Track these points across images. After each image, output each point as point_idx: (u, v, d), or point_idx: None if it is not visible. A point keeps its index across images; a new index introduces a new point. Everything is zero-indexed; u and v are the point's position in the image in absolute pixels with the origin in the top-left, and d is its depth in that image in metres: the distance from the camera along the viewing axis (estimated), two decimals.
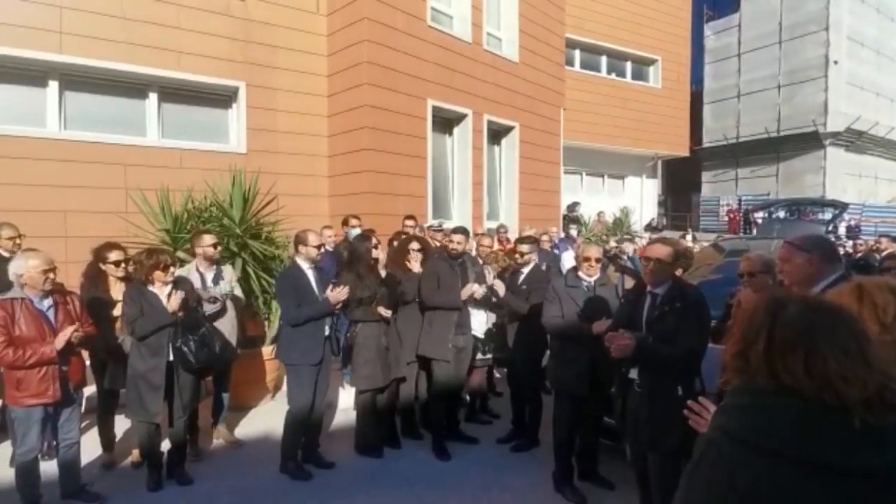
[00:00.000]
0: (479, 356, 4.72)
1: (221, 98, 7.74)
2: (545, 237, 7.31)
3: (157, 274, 3.56)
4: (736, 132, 22.34)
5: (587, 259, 3.74)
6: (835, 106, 19.62)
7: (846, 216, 15.74)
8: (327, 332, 3.99)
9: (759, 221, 15.82)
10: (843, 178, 20.25)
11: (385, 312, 4.14)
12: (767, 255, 3.35)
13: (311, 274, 4.02)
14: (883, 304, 1.48)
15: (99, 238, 4.30)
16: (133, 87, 7.09)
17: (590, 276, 3.76)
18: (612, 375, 3.27)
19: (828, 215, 14.91)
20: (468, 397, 5.08)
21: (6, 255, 4.28)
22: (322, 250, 4.15)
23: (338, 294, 3.88)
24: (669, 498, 2.69)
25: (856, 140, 20.37)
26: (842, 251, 8.61)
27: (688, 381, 2.66)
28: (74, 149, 6.46)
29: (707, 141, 23.15)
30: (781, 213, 15.45)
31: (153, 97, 7.23)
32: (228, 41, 7.42)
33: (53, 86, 6.54)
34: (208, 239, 4.32)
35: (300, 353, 3.89)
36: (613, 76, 16.67)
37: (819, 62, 19.98)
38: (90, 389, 4.05)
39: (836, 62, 19.70)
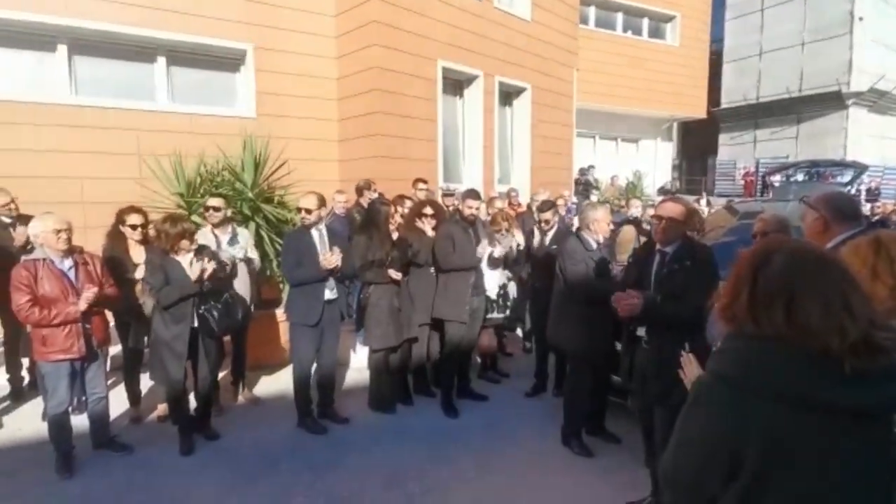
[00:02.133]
0: (490, 316, 4.80)
1: (230, 61, 7.67)
2: (560, 201, 7.32)
3: (183, 243, 3.61)
4: (756, 92, 21.63)
5: (600, 220, 3.74)
6: (859, 64, 18.85)
7: (866, 178, 15.35)
8: (329, 296, 4.05)
9: (776, 184, 15.52)
10: (865, 139, 19.65)
11: (395, 275, 4.20)
12: (783, 215, 3.32)
13: (316, 236, 4.09)
14: None
15: (115, 204, 4.38)
16: (141, 51, 7.05)
17: (595, 236, 3.76)
18: (617, 330, 3.33)
19: (847, 177, 14.56)
20: (478, 358, 5.20)
21: (6, 220, 4.37)
22: (314, 216, 4.06)
23: (327, 260, 3.92)
24: None
25: (879, 100, 19.65)
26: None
27: (696, 337, 2.69)
28: (87, 115, 6.50)
29: (726, 101, 22.47)
30: (800, 176, 15.13)
31: (161, 61, 7.19)
32: (235, 2, 7.30)
33: (62, 50, 6.53)
34: (212, 201, 4.37)
35: (298, 314, 4.03)
36: (629, 34, 16.15)
37: (844, 18, 19.10)
38: (115, 349, 4.21)
39: (861, 18, 18.83)
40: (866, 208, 10.27)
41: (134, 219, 4.01)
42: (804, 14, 20.34)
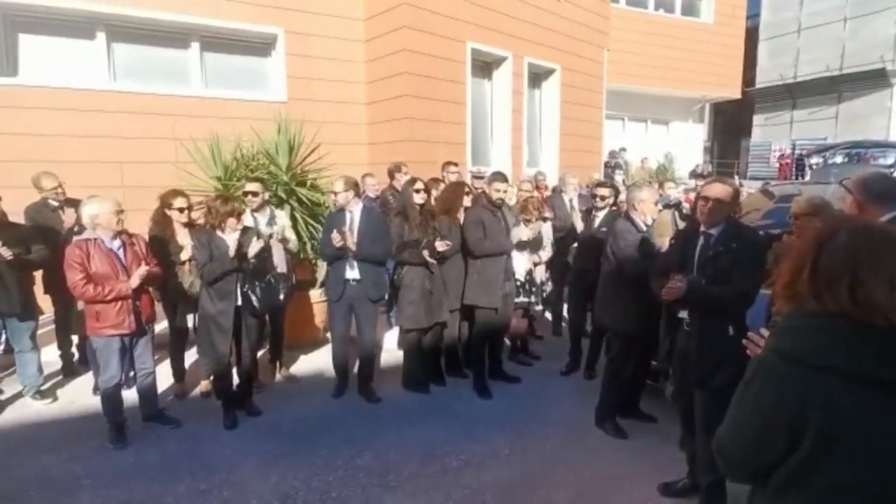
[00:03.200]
0: (519, 300, 4.82)
1: (261, 46, 7.74)
2: (572, 181, 7.22)
3: (231, 221, 3.74)
4: (794, 71, 20.81)
5: (646, 201, 3.75)
6: None
7: None
8: (351, 275, 4.20)
9: (814, 166, 15.00)
10: None
11: (429, 258, 4.23)
12: (819, 199, 3.23)
13: (347, 217, 4.21)
14: None
15: (154, 188, 4.52)
16: (176, 37, 7.16)
17: (642, 219, 3.74)
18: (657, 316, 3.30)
19: (890, 159, 13.97)
20: (508, 341, 5.23)
21: (55, 203, 4.53)
22: (341, 198, 4.23)
23: (337, 238, 4.04)
24: (712, 433, 2.78)
25: None
26: None
27: (739, 321, 2.67)
28: (125, 100, 6.65)
29: (761, 81, 21.68)
30: (839, 158, 14.57)
31: (195, 46, 7.30)
32: None
33: (101, 37, 6.69)
34: (250, 186, 4.47)
35: (328, 290, 4.39)
36: (661, 12, 15.66)
37: None
38: (160, 326, 4.38)
39: None
40: None
41: (180, 202, 4.15)
42: None
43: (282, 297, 4.10)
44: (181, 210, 4.14)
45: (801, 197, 3.41)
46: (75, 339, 4.79)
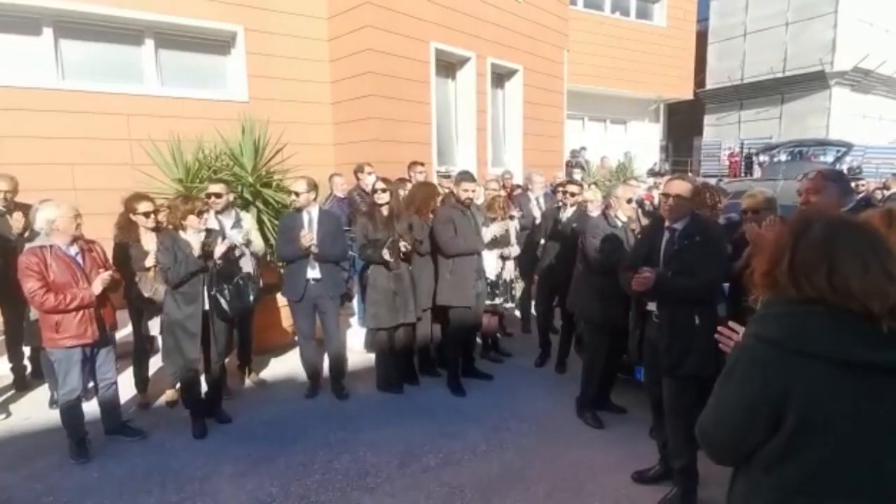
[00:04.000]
0: (490, 301, 4.88)
1: (219, 44, 7.52)
2: (538, 179, 7.37)
3: (191, 219, 3.60)
4: (741, 73, 21.79)
5: (629, 200, 3.88)
6: (843, 43, 19.07)
7: (848, 157, 15.65)
8: (312, 275, 4.23)
9: (762, 164, 15.74)
10: (848, 119, 19.98)
11: (387, 256, 4.20)
12: (770, 193, 3.45)
13: (305, 218, 4.22)
14: None
15: (108, 190, 4.34)
16: (129, 34, 6.88)
17: (619, 216, 3.84)
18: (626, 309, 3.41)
19: (829, 157, 14.83)
20: (479, 339, 5.28)
21: (1, 209, 4.28)
22: (303, 199, 4.24)
23: (303, 239, 4.09)
24: (682, 418, 2.89)
25: (862, 79, 19.94)
26: None
27: (706, 311, 2.79)
28: (75, 99, 6.34)
29: (711, 82, 22.59)
30: (784, 156, 15.36)
31: (149, 43, 7.02)
32: None
33: (48, 33, 6.35)
34: (213, 188, 4.37)
35: (287, 289, 4.37)
36: (617, 15, 16.12)
37: None
38: (120, 334, 4.20)
39: None
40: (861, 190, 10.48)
41: (145, 206, 3.99)
42: None
43: (251, 298, 4.00)
44: (146, 215, 3.99)
45: (754, 191, 3.59)
46: (27, 350, 4.55)
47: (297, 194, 4.22)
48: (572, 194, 4.94)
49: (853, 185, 10.59)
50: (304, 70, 7.86)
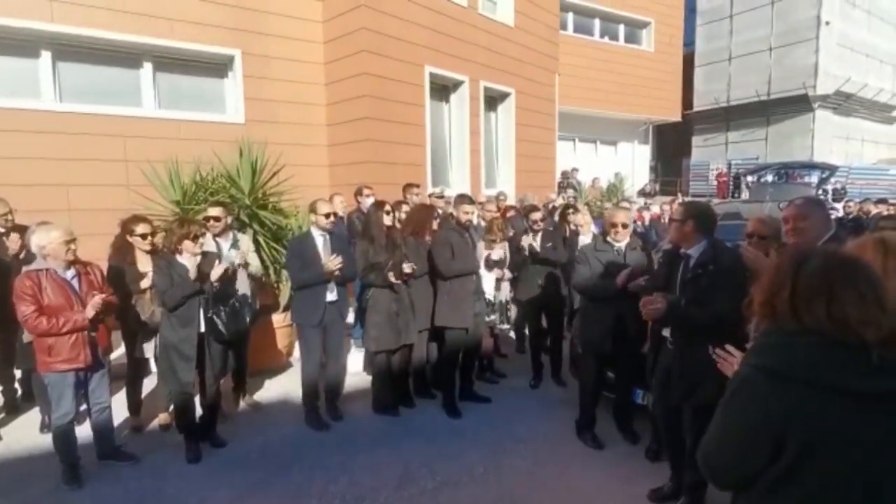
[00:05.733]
0: (488, 318, 4.92)
1: (217, 67, 7.63)
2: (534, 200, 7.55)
3: (187, 244, 3.61)
4: (727, 95, 22.31)
5: (614, 225, 3.80)
6: (825, 68, 19.63)
7: (833, 179, 15.99)
8: (330, 298, 4.18)
9: (750, 185, 16.03)
10: (831, 140, 20.45)
11: (394, 279, 4.22)
12: (779, 220, 3.44)
13: (320, 241, 4.21)
14: None
15: (103, 211, 4.34)
16: (127, 57, 6.97)
17: (618, 240, 3.83)
18: (642, 331, 3.44)
19: (815, 178, 15.15)
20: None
21: (1, 230, 4.29)
22: (332, 218, 4.29)
23: (331, 263, 4.08)
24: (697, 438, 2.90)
25: (844, 102, 20.48)
26: (833, 215, 8.87)
27: (720, 341, 2.79)
28: (72, 121, 6.39)
29: (698, 105, 23.09)
30: (771, 177, 15.66)
31: (148, 67, 7.12)
32: (221, 7, 7.28)
33: (46, 56, 6.42)
34: (212, 211, 4.39)
35: (302, 315, 4.20)
36: (606, 40, 16.51)
37: (811, 23, 19.87)
38: (113, 356, 4.17)
39: (827, 23, 19.61)
40: (839, 207, 10.68)
41: (143, 228, 4.01)
42: (772, 19, 21.09)
43: (248, 320, 4.00)
44: (144, 237, 4.00)
45: (764, 217, 3.53)
46: (18, 373, 4.50)
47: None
48: (541, 220, 5.23)
49: (840, 205, 10.83)
50: (300, 93, 7.98)
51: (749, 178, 16.28)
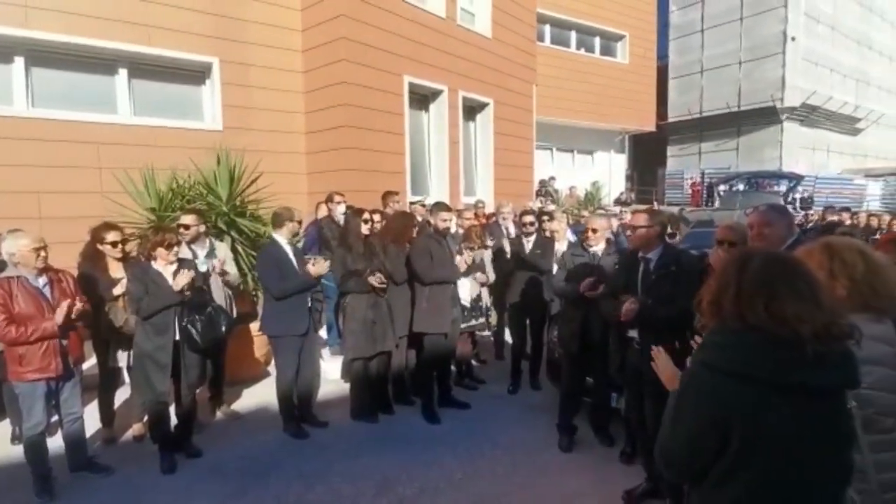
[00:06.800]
0: (465, 325, 4.97)
1: (194, 74, 7.59)
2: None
3: (161, 251, 3.58)
4: (700, 107, 22.96)
5: (592, 230, 3.98)
6: (792, 81, 20.37)
7: (800, 188, 16.58)
8: (309, 304, 4.21)
9: (722, 193, 16.48)
10: (798, 151, 21.18)
11: (377, 282, 4.24)
12: (744, 226, 3.62)
13: (289, 249, 4.24)
14: (852, 262, 1.71)
15: (75, 219, 4.28)
16: (102, 63, 6.88)
17: (591, 245, 3.96)
18: (604, 335, 3.55)
19: (783, 187, 15.69)
20: (453, 366, 5.33)
21: None
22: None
23: (318, 268, 4.13)
24: None
25: (810, 114, 21.25)
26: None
27: (686, 338, 2.91)
28: (44, 127, 6.28)
29: (672, 115, 23.70)
30: (742, 186, 16.16)
31: (123, 73, 7.04)
32: (200, 15, 7.25)
33: (19, 62, 6.31)
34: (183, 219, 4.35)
35: (286, 325, 4.13)
36: (583, 51, 16.85)
37: (777, 38, 20.62)
38: (86, 366, 4.10)
39: (793, 38, 20.37)
40: (800, 216, 11.06)
41: (113, 235, 3.96)
42: (741, 34, 21.82)
43: (224, 329, 3.95)
44: (114, 244, 3.95)
45: (733, 224, 3.69)
46: None
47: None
48: (531, 224, 5.25)
49: (803, 214, 11.22)
50: (279, 101, 7.97)
51: (721, 188, 16.75)
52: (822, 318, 1.29)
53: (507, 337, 5.80)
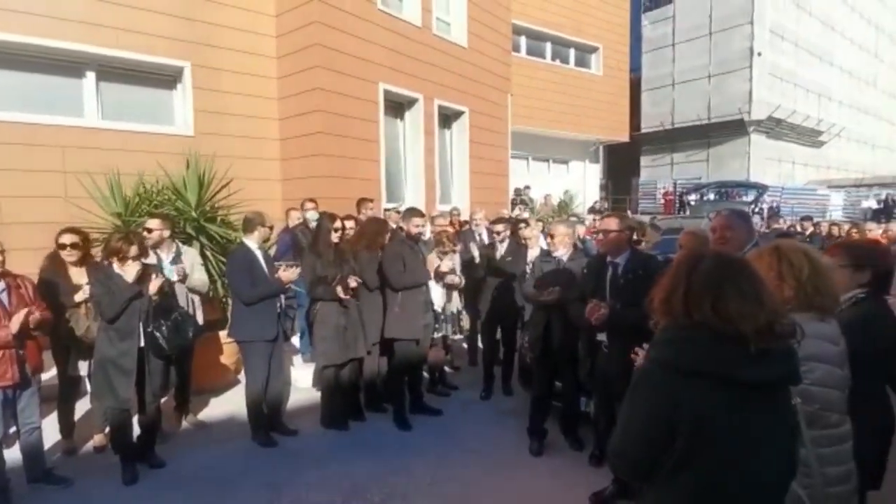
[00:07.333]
0: (438, 334, 4.99)
1: (165, 78, 7.47)
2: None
3: (126, 249, 3.50)
4: (671, 119, 23.56)
5: (550, 235, 4.10)
6: (758, 95, 21.09)
7: (767, 198, 17.12)
8: (279, 310, 4.23)
9: (692, 202, 16.90)
10: (765, 162, 21.90)
11: (342, 293, 4.22)
12: (705, 232, 3.77)
13: (259, 254, 4.21)
14: (799, 264, 1.79)
15: (38, 223, 4.18)
16: (68, 66, 6.73)
17: (554, 250, 4.04)
18: (565, 341, 3.61)
19: (750, 197, 16.19)
20: (426, 373, 5.32)
21: None
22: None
23: (289, 274, 4.12)
24: None
25: (775, 127, 22.01)
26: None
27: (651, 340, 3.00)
28: (6, 130, 6.09)
29: (645, 127, 24.26)
30: (711, 196, 16.62)
31: (91, 76, 6.89)
32: (171, 19, 7.16)
33: None
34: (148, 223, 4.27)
35: (255, 330, 4.08)
36: (557, 62, 17.15)
37: (744, 53, 21.35)
38: (46, 376, 3.97)
39: (759, 54, 21.11)
40: (761, 226, 11.34)
41: (66, 238, 3.84)
42: (710, 49, 22.53)
43: (190, 335, 3.87)
44: (63, 246, 3.83)
45: (695, 230, 3.81)
46: None
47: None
48: (498, 232, 5.32)
49: (763, 224, 11.57)
50: (252, 106, 7.91)
51: (691, 197, 17.18)
52: (765, 316, 1.34)
53: (481, 343, 5.82)
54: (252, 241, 4.21)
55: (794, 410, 1.51)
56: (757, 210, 15.10)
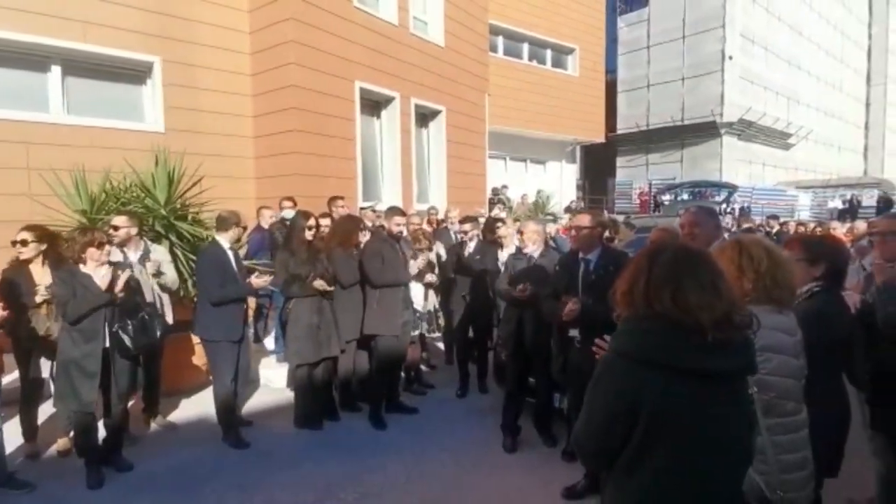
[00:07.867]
0: (415, 332, 4.99)
1: (134, 74, 7.31)
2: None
3: (91, 251, 3.39)
4: (646, 120, 23.95)
5: (520, 233, 4.19)
6: (729, 98, 21.59)
7: (739, 198, 17.54)
8: (246, 309, 4.21)
9: (666, 202, 17.21)
10: (736, 163, 22.42)
11: (322, 285, 4.18)
12: (675, 228, 3.87)
13: (230, 254, 4.15)
14: (758, 257, 1.83)
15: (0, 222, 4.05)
16: (32, 60, 6.53)
17: (524, 247, 4.09)
18: (538, 338, 3.64)
19: (722, 196, 16.57)
20: (402, 372, 5.31)
21: None
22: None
23: (260, 282, 4.16)
24: None
25: (746, 129, 22.55)
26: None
27: None
28: None
29: (621, 127, 24.61)
30: (685, 195, 16.95)
31: (56, 70, 6.70)
32: (141, 13, 7.01)
33: None
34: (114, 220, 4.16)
35: (221, 330, 4.03)
36: (534, 63, 17.27)
37: (717, 57, 21.83)
38: (7, 378, 3.85)
39: (730, 57, 21.60)
40: (732, 225, 11.61)
41: (21, 235, 3.73)
42: (683, 52, 22.97)
43: (158, 334, 3.78)
44: (14, 243, 3.72)
45: (666, 226, 3.92)
46: None
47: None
48: (465, 232, 5.44)
49: (730, 222, 11.87)
50: (225, 103, 7.78)
51: (665, 196, 17.49)
52: (723, 307, 1.37)
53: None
54: (225, 240, 4.15)
55: (751, 399, 1.55)
56: (728, 210, 15.46)
